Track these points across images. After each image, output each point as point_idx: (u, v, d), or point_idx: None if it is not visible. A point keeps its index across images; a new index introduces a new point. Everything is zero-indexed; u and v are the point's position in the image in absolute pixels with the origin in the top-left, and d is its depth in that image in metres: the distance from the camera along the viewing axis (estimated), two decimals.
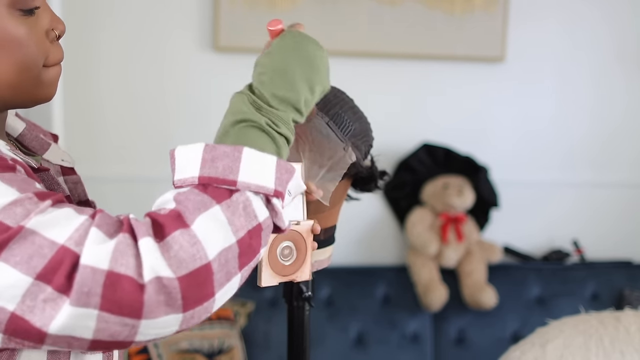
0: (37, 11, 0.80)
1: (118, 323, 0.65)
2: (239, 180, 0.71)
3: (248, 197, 0.71)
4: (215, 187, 0.71)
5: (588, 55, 2.57)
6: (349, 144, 0.98)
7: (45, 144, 0.94)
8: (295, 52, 0.81)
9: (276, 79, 0.80)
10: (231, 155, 0.71)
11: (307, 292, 1.07)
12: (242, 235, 0.69)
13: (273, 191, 0.73)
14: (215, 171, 0.71)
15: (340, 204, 1.05)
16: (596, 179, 2.63)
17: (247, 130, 0.76)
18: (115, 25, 2.31)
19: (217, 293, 0.68)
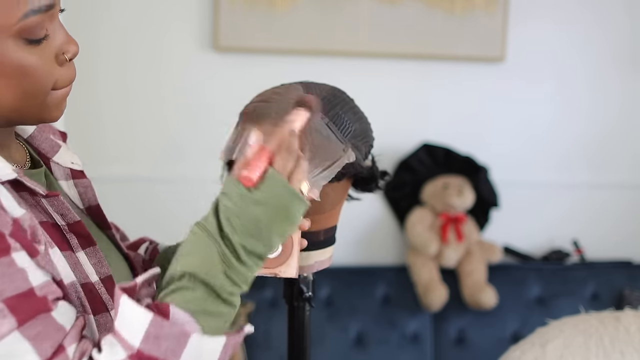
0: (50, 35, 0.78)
1: None
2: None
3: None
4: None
5: (588, 55, 2.57)
6: (348, 145, 0.98)
7: (56, 145, 0.94)
8: (275, 205, 0.77)
9: (251, 229, 0.77)
10: (177, 339, 0.70)
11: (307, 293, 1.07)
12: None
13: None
14: (157, 350, 0.69)
15: (340, 204, 1.05)
16: (596, 179, 2.63)
17: (206, 296, 0.74)
18: (114, 25, 2.31)
19: None
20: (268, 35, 2.33)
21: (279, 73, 2.37)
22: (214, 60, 2.35)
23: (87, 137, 2.34)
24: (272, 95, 1.00)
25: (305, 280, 1.07)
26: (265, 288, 2.33)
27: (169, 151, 2.38)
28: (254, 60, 2.36)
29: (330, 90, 1.01)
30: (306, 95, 0.92)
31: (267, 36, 2.33)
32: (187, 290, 0.74)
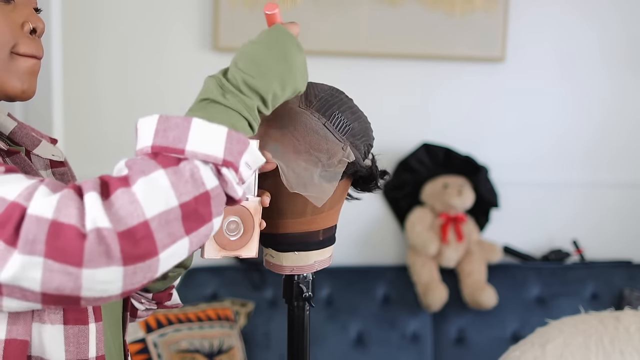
0: (14, 4, 0.84)
1: (62, 272, 0.67)
2: (186, 149, 0.73)
3: (196, 165, 0.73)
4: (165, 155, 0.73)
5: (588, 55, 2.57)
6: (347, 144, 0.98)
7: (36, 140, 0.97)
8: (276, 48, 0.85)
9: (251, 67, 0.83)
10: (181, 126, 0.74)
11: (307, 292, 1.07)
12: (187, 199, 0.71)
13: (222, 160, 0.74)
14: (166, 140, 0.74)
15: (340, 204, 1.05)
16: (596, 179, 2.63)
17: (209, 106, 0.80)
18: (114, 25, 2.31)
19: (160, 253, 0.70)
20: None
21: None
22: (213, 61, 2.35)
23: (87, 137, 2.35)
24: None
25: (305, 280, 1.07)
26: (265, 288, 2.34)
27: None
28: None
29: (328, 90, 1.01)
30: None
31: None
32: (194, 110, 0.81)
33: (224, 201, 0.76)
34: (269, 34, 0.86)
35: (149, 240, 0.69)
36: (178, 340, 2.07)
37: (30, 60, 0.86)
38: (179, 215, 0.71)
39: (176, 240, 0.71)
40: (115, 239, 0.67)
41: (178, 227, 0.71)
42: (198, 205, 0.72)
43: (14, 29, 0.84)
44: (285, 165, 0.95)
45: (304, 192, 0.95)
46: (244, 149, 0.76)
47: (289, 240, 1.01)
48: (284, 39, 0.85)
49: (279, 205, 0.99)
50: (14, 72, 0.85)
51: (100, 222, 0.68)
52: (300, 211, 1.00)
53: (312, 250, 1.03)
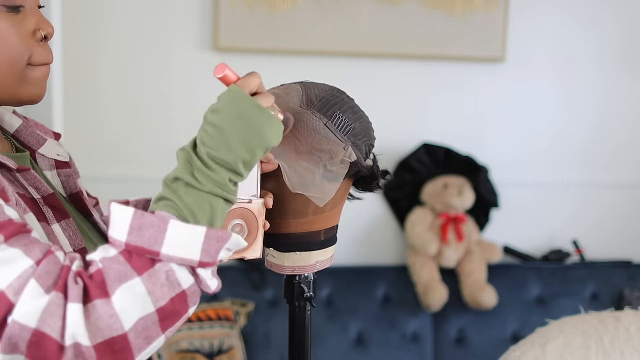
0: (24, 11, 0.84)
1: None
2: (162, 252, 0.74)
3: (171, 268, 0.74)
4: (139, 256, 0.74)
5: (588, 55, 2.57)
6: (348, 144, 0.98)
7: (42, 139, 0.97)
8: (234, 114, 0.81)
9: (215, 139, 0.80)
10: (157, 226, 0.74)
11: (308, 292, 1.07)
12: (164, 304, 0.74)
13: (197, 263, 0.75)
14: (141, 240, 0.74)
15: (341, 203, 1.05)
16: (596, 179, 2.63)
17: (181, 190, 0.78)
18: (114, 25, 2.31)
19: (136, 356, 0.73)
20: (268, 36, 2.33)
21: (279, 73, 2.37)
22: (214, 61, 2.35)
23: (87, 137, 2.35)
24: None
25: (306, 279, 1.07)
26: (265, 288, 2.34)
27: (168, 151, 2.38)
28: (254, 60, 2.36)
29: (329, 90, 1.01)
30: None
31: (267, 36, 2.33)
32: (164, 198, 0.79)
33: (200, 293, 0.78)
34: (225, 99, 0.82)
35: (126, 351, 0.72)
36: (178, 340, 2.07)
37: (43, 67, 0.88)
38: (156, 319, 0.73)
39: (152, 341, 0.74)
40: (92, 355, 0.70)
41: (155, 330, 0.74)
42: (175, 306, 0.75)
43: (27, 40, 0.84)
44: (287, 165, 0.95)
45: (306, 192, 0.96)
46: (223, 244, 0.77)
47: (291, 240, 1.02)
48: (240, 102, 0.81)
49: (280, 205, 0.99)
50: (31, 81, 0.86)
51: (80, 337, 0.70)
52: (302, 211, 1.00)
53: (313, 250, 1.03)
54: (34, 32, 0.86)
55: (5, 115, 0.96)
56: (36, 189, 0.87)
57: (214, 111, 0.82)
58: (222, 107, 0.81)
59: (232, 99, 0.81)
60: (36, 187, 0.87)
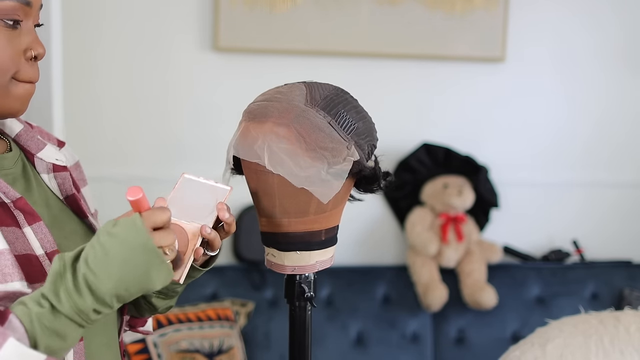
0: (20, 29, 0.87)
1: None
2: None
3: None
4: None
5: (589, 55, 2.57)
6: (351, 143, 0.98)
7: (41, 144, 0.99)
8: (129, 246, 0.77)
9: (98, 264, 0.77)
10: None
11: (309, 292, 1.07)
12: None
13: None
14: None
15: (342, 204, 1.05)
16: (596, 179, 2.63)
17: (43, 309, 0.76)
18: (115, 25, 2.31)
19: None
20: (268, 36, 2.33)
21: (279, 73, 2.38)
22: (214, 61, 2.35)
23: (88, 137, 2.35)
24: (275, 95, 1.01)
25: (307, 279, 1.07)
26: (265, 288, 2.34)
27: (169, 151, 2.38)
28: (254, 60, 2.37)
29: (333, 90, 1.02)
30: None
31: (267, 36, 2.33)
32: (28, 302, 0.77)
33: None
34: (124, 227, 0.78)
35: None
36: (178, 340, 2.07)
37: (27, 85, 0.90)
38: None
39: None
40: None
41: None
42: None
43: (17, 55, 0.87)
44: (292, 161, 0.95)
45: (310, 188, 0.96)
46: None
47: (291, 240, 1.02)
48: (137, 237, 0.77)
49: (282, 204, 0.99)
50: (12, 95, 0.88)
51: None
52: (303, 210, 1.00)
53: (313, 250, 1.03)
54: (25, 50, 0.88)
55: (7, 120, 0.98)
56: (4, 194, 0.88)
57: (109, 234, 0.78)
58: (118, 233, 0.77)
59: (131, 229, 0.77)
60: (4, 192, 0.88)
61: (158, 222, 0.81)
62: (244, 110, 1.03)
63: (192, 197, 0.94)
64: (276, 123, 0.96)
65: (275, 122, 0.96)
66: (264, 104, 0.99)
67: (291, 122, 0.96)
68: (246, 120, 1.01)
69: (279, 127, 0.96)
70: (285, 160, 0.95)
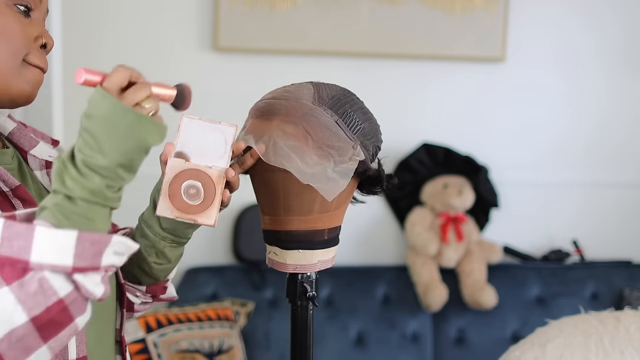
0: (32, 18, 0.91)
1: None
2: (31, 261, 0.72)
3: (44, 276, 0.72)
4: (11, 266, 0.72)
5: (588, 55, 2.57)
6: (357, 143, 0.99)
7: (34, 141, 1.00)
8: (104, 117, 0.78)
9: (90, 145, 0.78)
10: (25, 235, 0.73)
11: (311, 292, 1.07)
12: (38, 313, 0.72)
13: (71, 268, 0.73)
14: (11, 250, 0.72)
15: (345, 204, 1.05)
16: (596, 178, 2.63)
17: (58, 200, 0.77)
18: (114, 25, 2.31)
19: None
20: (268, 36, 2.33)
21: (279, 73, 2.38)
22: (214, 60, 2.35)
23: None
24: (282, 93, 1.01)
25: (309, 279, 1.07)
26: (265, 288, 2.34)
27: None
28: (254, 60, 2.37)
29: (340, 90, 1.03)
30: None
31: (267, 36, 2.33)
32: (43, 203, 0.78)
33: (85, 302, 0.76)
34: (93, 103, 0.79)
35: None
36: (178, 340, 2.07)
37: (37, 70, 0.92)
38: (32, 329, 0.72)
39: (32, 351, 0.72)
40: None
41: (33, 340, 0.72)
42: (52, 315, 0.73)
43: (28, 39, 0.90)
44: (298, 158, 0.95)
45: (316, 184, 0.96)
46: (102, 248, 0.75)
47: (294, 238, 1.02)
48: (105, 106, 0.78)
49: (286, 201, 0.99)
50: (23, 77, 0.90)
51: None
52: (307, 209, 1.00)
53: (316, 250, 1.04)
54: (36, 37, 0.91)
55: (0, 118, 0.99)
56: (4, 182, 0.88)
57: (87, 116, 0.79)
58: (91, 111, 0.79)
59: (98, 102, 0.78)
60: (4, 181, 0.88)
61: (120, 82, 0.82)
62: (250, 108, 1.03)
63: (200, 139, 0.95)
64: (284, 121, 0.97)
65: (283, 119, 0.97)
66: (271, 101, 1.00)
67: (299, 120, 0.96)
68: (253, 118, 1.01)
69: (287, 124, 0.97)
70: (292, 156, 0.95)
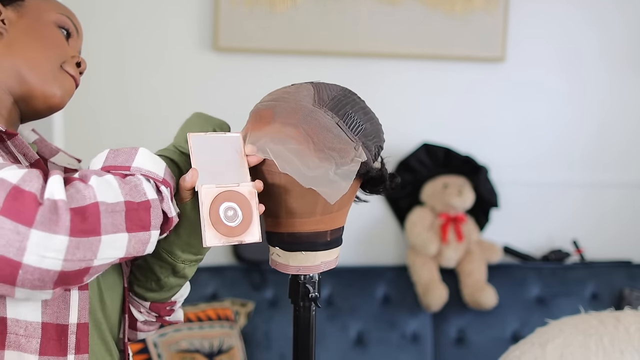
0: (71, 41, 1.04)
1: (12, 230, 0.73)
2: (132, 166, 0.87)
3: (139, 178, 0.85)
4: (113, 171, 0.86)
5: (588, 55, 2.57)
6: (359, 144, 0.98)
7: (54, 150, 1.07)
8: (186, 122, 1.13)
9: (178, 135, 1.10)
10: (129, 152, 0.88)
11: (313, 292, 1.07)
12: (131, 200, 0.82)
13: (162, 179, 0.88)
14: (115, 161, 0.88)
15: (348, 205, 1.05)
16: (596, 178, 2.63)
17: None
18: (114, 25, 2.31)
19: (102, 235, 0.78)
20: (268, 36, 2.33)
21: (279, 73, 2.38)
22: (214, 61, 2.35)
23: (86, 137, 2.34)
24: (282, 95, 1.01)
25: (311, 280, 1.07)
26: (265, 288, 2.34)
27: None
28: (254, 60, 2.37)
29: (340, 91, 1.02)
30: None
31: (267, 36, 2.33)
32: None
33: (161, 216, 0.87)
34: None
35: (95, 220, 0.77)
36: (178, 340, 2.07)
37: (71, 79, 1.00)
38: (123, 209, 0.81)
39: (118, 231, 0.80)
40: (66, 211, 0.75)
41: (121, 221, 0.80)
42: (139, 209, 0.83)
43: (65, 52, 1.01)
44: (300, 161, 0.95)
45: (317, 188, 0.96)
46: (173, 182, 0.91)
47: (297, 240, 1.02)
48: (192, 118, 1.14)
49: (288, 204, 0.99)
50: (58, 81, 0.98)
51: (57, 195, 0.75)
52: (310, 211, 1.00)
53: (319, 251, 1.03)
54: (73, 56, 1.02)
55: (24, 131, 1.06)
56: (24, 155, 0.92)
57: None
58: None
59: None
60: (24, 154, 0.92)
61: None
62: (250, 110, 1.03)
63: (212, 154, 0.96)
64: (284, 123, 0.96)
65: (284, 122, 0.96)
66: (271, 104, 0.99)
67: (299, 122, 0.96)
68: (254, 121, 1.00)
69: (287, 127, 0.96)
70: (294, 159, 0.95)
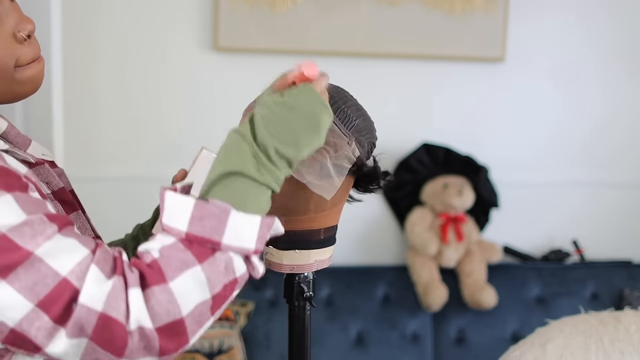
0: (0, 16, 0.83)
1: (103, 354, 0.74)
2: (223, 242, 0.77)
3: (230, 256, 0.78)
4: (200, 245, 0.77)
5: (588, 55, 2.57)
6: (352, 139, 0.99)
7: (27, 140, 0.99)
8: (307, 112, 0.83)
9: (284, 134, 0.81)
10: (218, 217, 0.76)
11: (308, 292, 1.07)
12: (218, 290, 0.77)
13: (253, 251, 0.79)
14: (203, 230, 0.76)
15: (342, 203, 1.05)
16: (596, 178, 2.63)
17: (241, 183, 0.80)
18: (114, 25, 2.31)
19: (190, 340, 0.77)
20: (268, 36, 2.33)
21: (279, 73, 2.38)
22: (214, 61, 2.35)
23: (86, 137, 2.34)
24: None
25: (305, 279, 1.07)
26: (265, 288, 2.34)
27: (168, 151, 2.38)
28: (254, 60, 2.37)
29: (333, 87, 1.02)
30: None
31: (267, 36, 2.33)
32: (223, 185, 0.80)
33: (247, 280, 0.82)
34: (299, 96, 0.83)
35: (183, 335, 0.76)
36: None
37: (33, 64, 0.88)
38: (210, 305, 0.77)
39: (203, 324, 0.78)
40: (155, 336, 0.74)
41: (207, 314, 0.78)
42: (226, 292, 0.78)
43: (9, 45, 0.84)
44: None
45: (313, 182, 0.96)
46: (269, 231, 0.80)
47: (290, 238, 1.02)
48: (315, 102, 0.83)
49: (281, 201, 0.99)
50: (23, 80, 0.87)
51: (143, 321, 0.73)
52: (303, 208, 1.00)
53: (312, 249, 1.04)
54: (14, 34, 0.85)
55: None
56: (47, 184, 0.89)
57: (284, 104, 0.82)
58: (296, 102, 0.82)
59: (308, 98, 0.83)
60: (47, 182, 0.89)
61: (324, 87, 0.87)
62: (244, 109, 1.03)
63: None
64: None
65: None
66: None
67: None
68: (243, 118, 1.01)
69: None
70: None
